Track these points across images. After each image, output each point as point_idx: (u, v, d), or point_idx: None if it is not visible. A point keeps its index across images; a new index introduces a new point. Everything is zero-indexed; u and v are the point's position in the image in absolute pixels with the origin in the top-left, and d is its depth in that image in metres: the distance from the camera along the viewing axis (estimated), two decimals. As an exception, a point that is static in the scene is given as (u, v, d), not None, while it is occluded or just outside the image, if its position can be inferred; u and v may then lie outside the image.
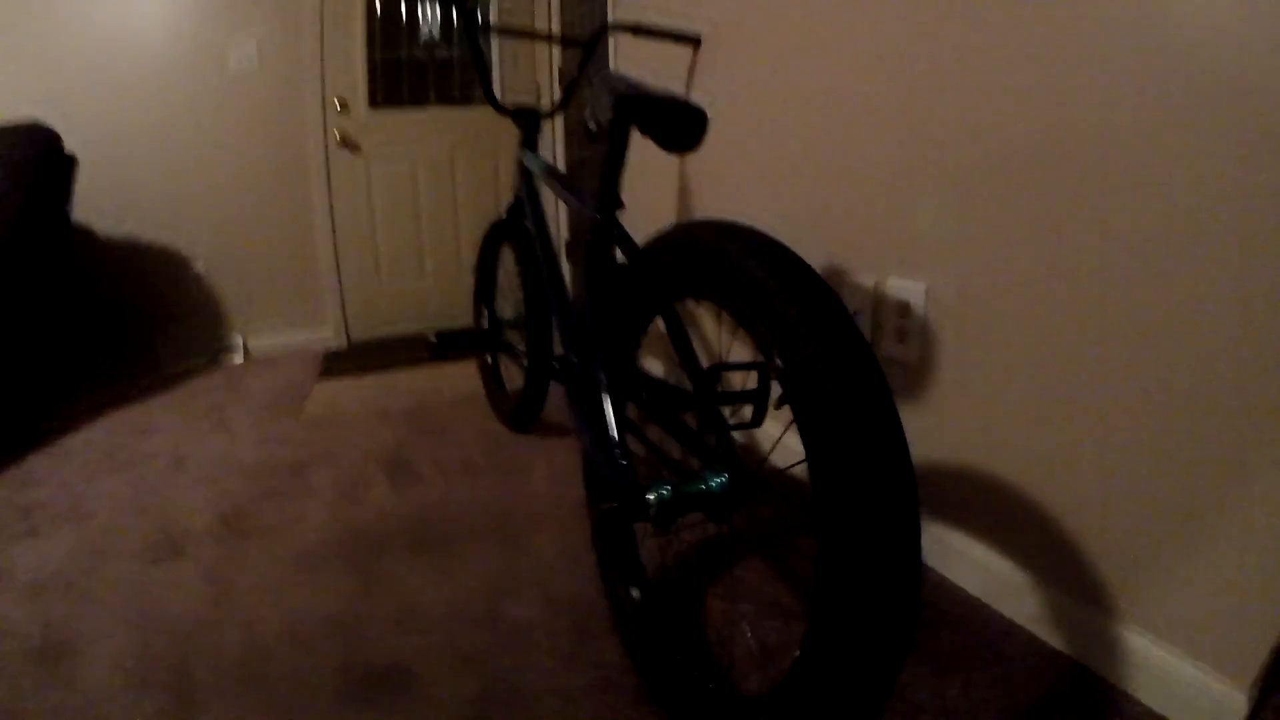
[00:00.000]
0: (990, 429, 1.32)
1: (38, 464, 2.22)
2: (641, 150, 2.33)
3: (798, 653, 0.82)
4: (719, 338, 2.10)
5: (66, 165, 2.67)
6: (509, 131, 3.60)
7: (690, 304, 2.05)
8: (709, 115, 1.15)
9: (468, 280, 3.66)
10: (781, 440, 1.75)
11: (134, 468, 2.16)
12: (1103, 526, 1.15)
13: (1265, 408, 0.92)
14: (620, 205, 1.27)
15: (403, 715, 1.13)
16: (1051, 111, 1.13)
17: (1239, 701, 0.98)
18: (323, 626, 1.37)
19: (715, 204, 2.13)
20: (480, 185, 3.65)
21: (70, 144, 2.66)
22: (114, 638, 1.37)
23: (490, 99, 1.88)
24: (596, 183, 1.25)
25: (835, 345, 0.75)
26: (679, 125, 1.14)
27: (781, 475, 1.75)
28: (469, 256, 3.69)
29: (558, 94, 3.46)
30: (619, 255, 1.24)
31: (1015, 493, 1.29)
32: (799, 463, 0.85)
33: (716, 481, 0.93)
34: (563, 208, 3.67)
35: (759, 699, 0.95)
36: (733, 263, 0.88)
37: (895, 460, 0.72)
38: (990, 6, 1.21)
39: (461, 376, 2.93)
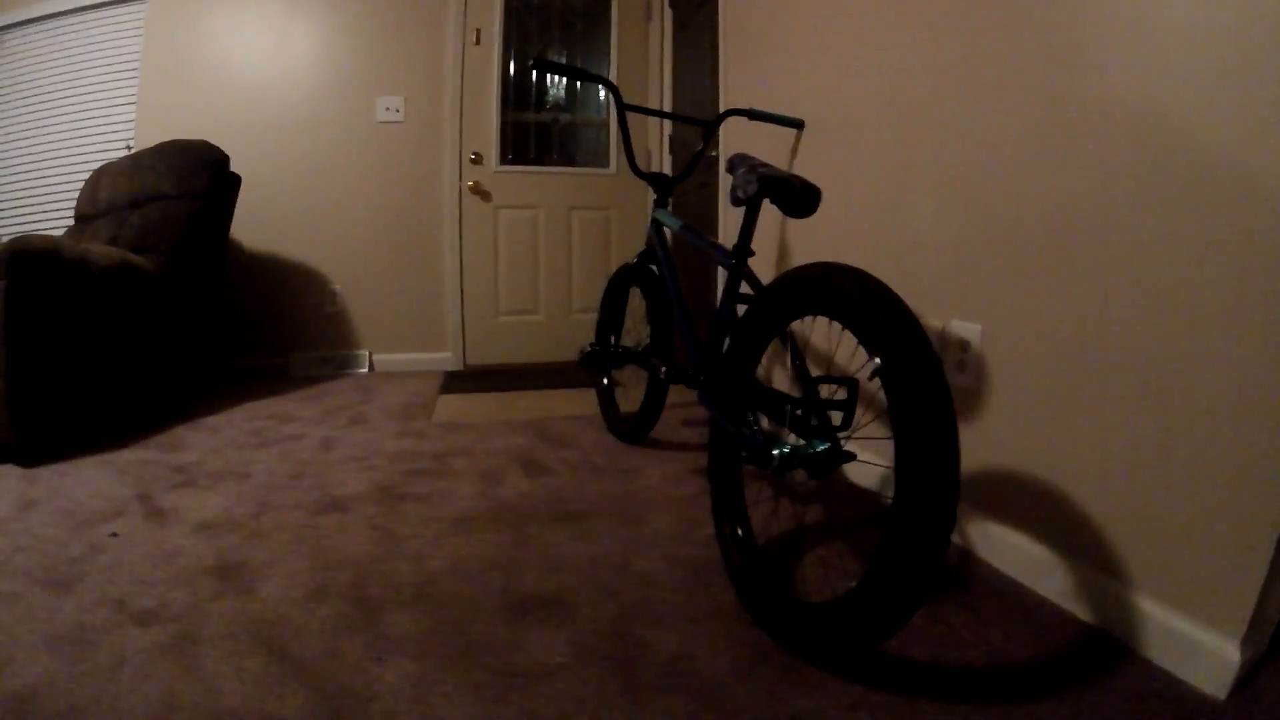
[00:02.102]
0: (1030, 437, 1.61)
1: (185, 435, 2.56)
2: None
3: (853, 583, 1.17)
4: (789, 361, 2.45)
5: (231, 183, 3.10)
6: (620, 192, 4.05)
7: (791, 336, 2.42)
8: (822, 192, 1.54)
9: (577, 319, 4.08)
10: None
11: (282, 445, 2.49)
12: (1120, 511, 1.39)
13: (1247, 415, 1.17)
14: (752, 253, 1.67)
15: (558, 625, 1.41)
16: (1070, 193, 1.48)
17: (1232, 656, 1.18)
18: (482, 565, 1.64)
19: (810, 258, 2.47)
20: (594, 237, 4.07)
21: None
22: (287, 564, 1.62)
23: (631, 165, 2.31)
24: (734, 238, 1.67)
25: (916, 349, 1.12)
26: (802, 200, 1.54)
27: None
28: (580, 299, 4.09)
29: (669, 161, 3.92)
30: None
31: (1048, 487, 1.56)
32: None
33: (821, 447, 1.34)
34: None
35: (830, 605, 1.26)
36: (850, 295, 1.26)
37: (946, 415, 1.08)
38: (1024, 105, 1.56)
39: (571, 400, 3.27)
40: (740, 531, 1.61)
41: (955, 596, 1.55)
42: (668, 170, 3.88)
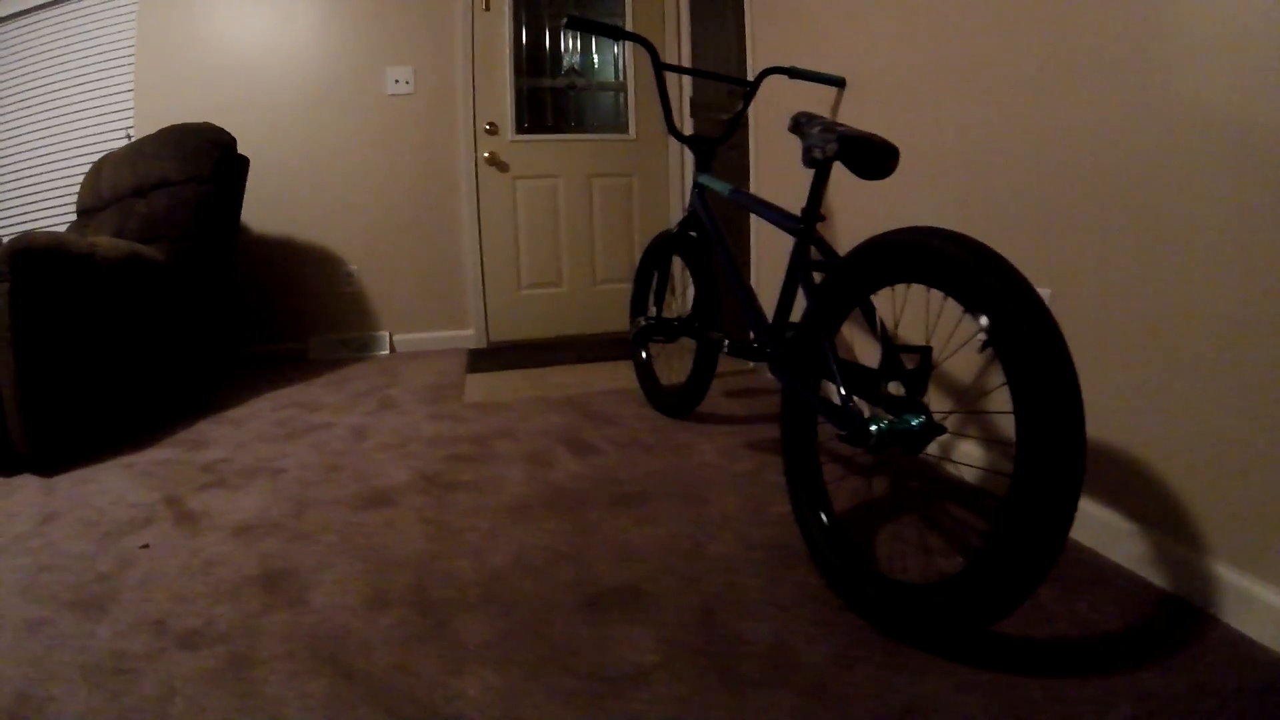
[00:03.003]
0: (1103, 404, 1.52)
1: (209, 430, 2.43)
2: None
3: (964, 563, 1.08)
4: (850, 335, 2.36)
5: (239, 165, 2.97)
6: (641, 157, 3.91)
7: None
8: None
9: (602, 290, 3.96)
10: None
11: (312, 435, 2.37)
12: (1197, 478, 1.35)
13: None
14: (822, 218, 1.56)
15: (641, 620, 1.30)
16: (1147, 154, 1.39)
17: None
18: (548, 557, 1.54)
19: (861, 222, 2.36)
20: (616, 205, 3.93)
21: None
22: (337, 567, 1.50)
23: (671, 128, 2.19)
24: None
25: (1027, 306, 1.04)
26: (881, 159, 1.43)
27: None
28: (604, 269, 3.96)
29: (689, 124, 3.78)
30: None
31: (1121, 454, 1.49)
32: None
33: (915, 421, 1.27)
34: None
35: (937, 586, 1.19)
36: (950, 254, 1.15)
37: (1069, 373, 1.01)
38: (1091, 67, 1.45)
39: (605, 373, 3.15)
40: (823, 512, 1.52)
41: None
42: (688, 132, 3.75)
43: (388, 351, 3.73)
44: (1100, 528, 1.55)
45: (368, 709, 1.09)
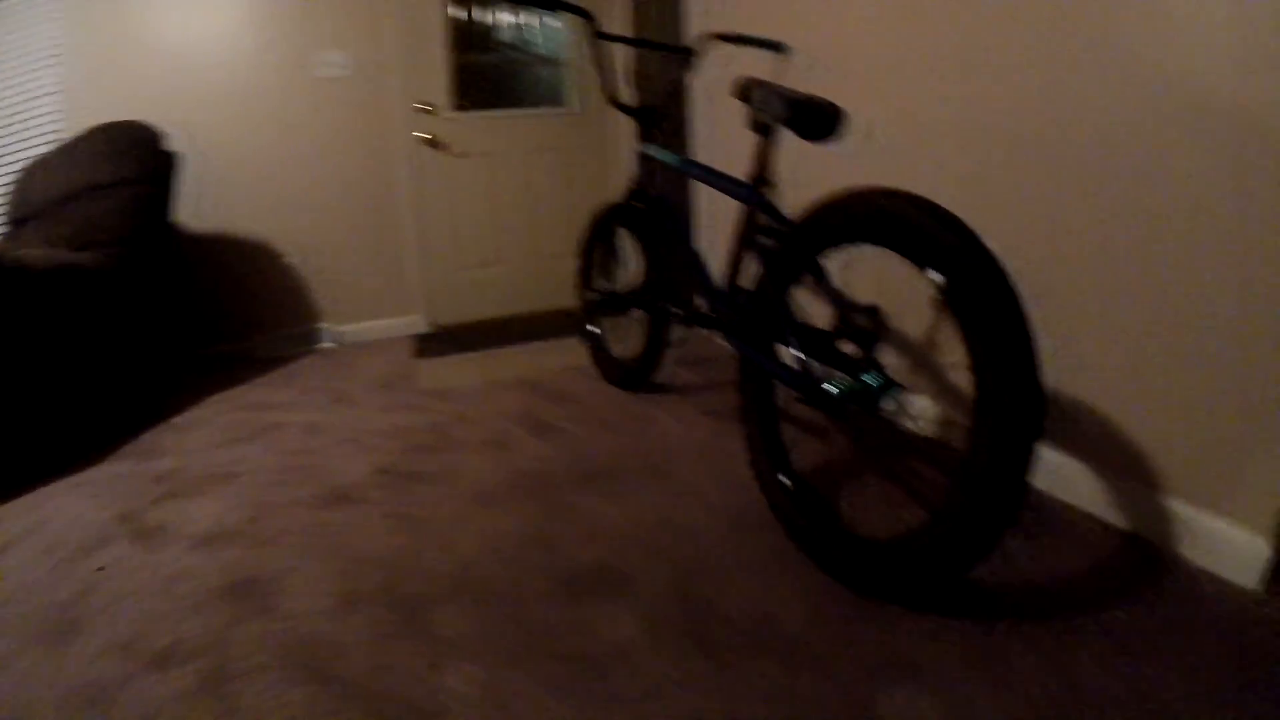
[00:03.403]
0: (1055, 356, 1.57)
1: (160, 439, 2.33)
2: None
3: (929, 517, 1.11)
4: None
5: (171, 162, 2.85)
6: (581, 130, 3.85)
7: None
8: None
9: (547, 266, 3.92)
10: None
11: (265, 436, 2.30)
12: (1150, 421, 1.41)
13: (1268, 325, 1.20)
14: (770, 184, 1.56)
15: (617, 597, 1.32)
16: (1084, 124, 1.44)
17: (1264, 550, 1.23)
18: (517, 542, 1.53)
19: (805, 188, 2.33)
20: (557, 179, 3.87)
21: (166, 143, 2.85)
22: (304, 571, 1.47)
23: (612, 99, 2.16)
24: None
25: (981, 260, 1.07)
26: (828, 122, 1.43)
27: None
28: (549, 245, 3.90)
29: (634, 94, 3.73)
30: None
31: (1076, 404, 1.55)
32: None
33: (871, 379, 1.29)
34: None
35: (905, 540, 1.22)
36: (903, 214, 1.16)
37: (1024, 331, 1.04)
38: (1050, 35, 1.48)
39: (556, 351, 3.12)
40: (786, 476, 1.53)
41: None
42: (630, 102, 3.70)
43: (334, 344, 3.64)
44: (1059, 474, 1.60)
45: (350, 712, 1.09)
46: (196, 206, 3.33)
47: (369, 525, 1.66)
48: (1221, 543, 1.30)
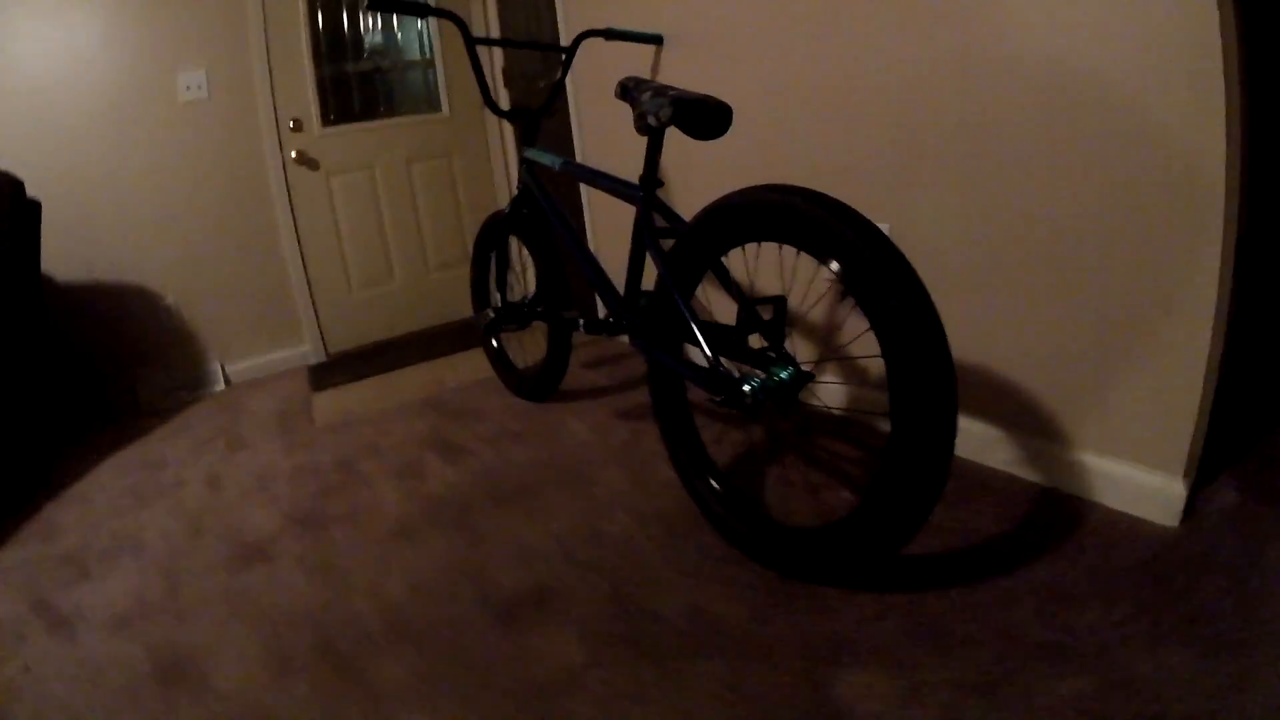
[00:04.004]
0: (954, 326, 1.65)
1: (56, 513, 2.16)
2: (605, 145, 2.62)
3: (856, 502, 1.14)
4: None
5: (31, 210, 2.63)
6: (458, 135, 3.77)
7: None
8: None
9: (435, 279, 3.84)
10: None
11: (166, 496, 2.16)
12: (1050, 379, 1.50)
13: (1153, 274, 1.28)
14: (660, 184, 1.55)
15: (558, 620, 1.31)
16: (970, 108, 1.50)
17: (1178, 489, 1.33)
18: (445, 577, 1.50)
19: (694, 181, 2.37)
20: (438, 188, 3.78)
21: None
22: (232, 641, 1.40)
23: (489, 103, 2.10)
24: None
25: (879, 248, 1.10)
26: (717, 120, 1.44)
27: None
28: (436, 256, 3.81)
29: (504, 96, 3.66)
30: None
31: (979, 370, 1.64)
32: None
33: (785, 373, 1.32)
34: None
35: (837, 525, 1.25)
36: (799, 209, 1.18)
37: (929, 311, 1.07)
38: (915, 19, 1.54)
39: (456, 366, 3.06)
40: (709, 475, 1.55)
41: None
42: (505, 106, 3.64)
43: (224, 385, 3.45)
44: (971, 439, 1.69)
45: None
46: (63, 255, 3.09)
47: (290, 581, 1.60)
48: (1130, 485, 1.39)
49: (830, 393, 2.02)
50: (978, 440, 1.66)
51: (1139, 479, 1.38)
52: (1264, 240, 1.67)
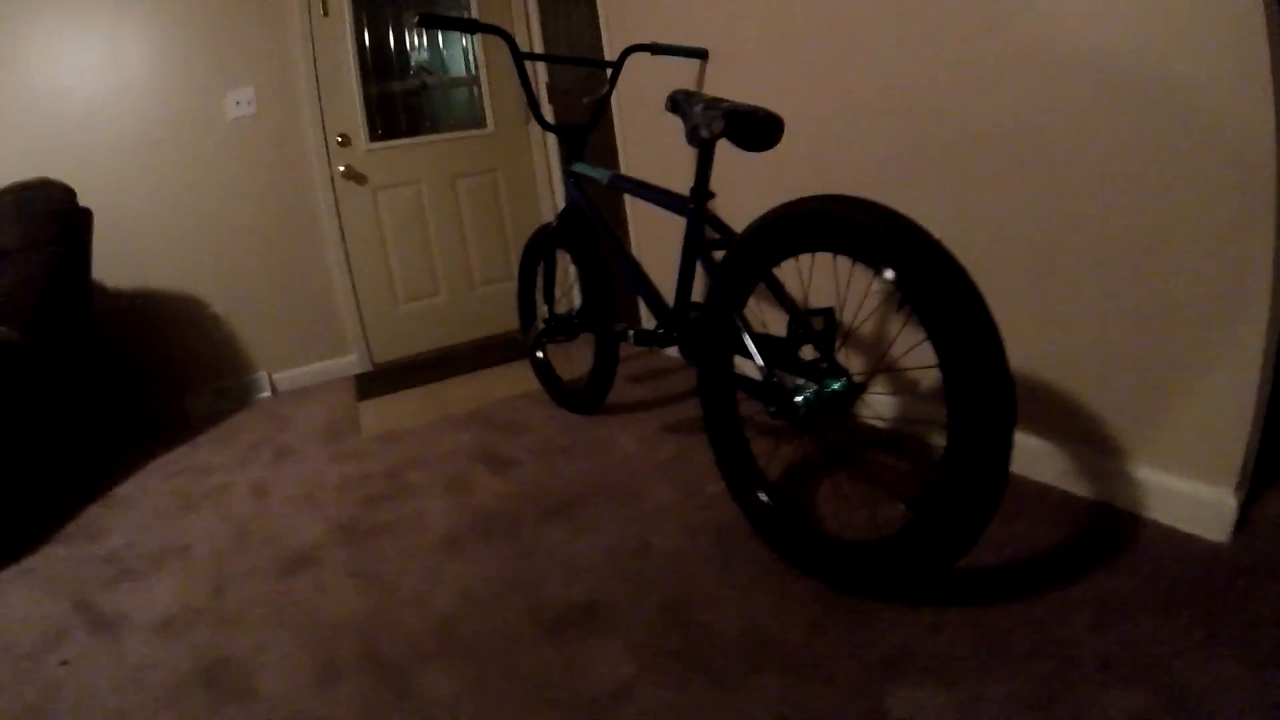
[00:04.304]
0: (1005, 334, 1.60)
1: (102, 516, 2.22)
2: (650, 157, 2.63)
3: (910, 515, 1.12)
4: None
5: (84, 220, 2.71)
6: (502, 151, 3.82)
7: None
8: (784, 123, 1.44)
9: (481, 293, 3.87)
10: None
11: (211, 501, 2.20)
12: (1102, 390, 1.46)
13: (1210, 283, 1.24)
14: (712, 195, 1.55)
15: (608, 633, 1.29)
16: (1024, 107, 1.44)
17: (1229, 503, 1.28)
18: (494, 588, 1.49)
19: (742, 191, 2.35)
20: (483, 203, 3.82)
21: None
22: (277, 646, 1.40)
23: (538, 118, 2.13)
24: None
25: (937, 258, 1.08)
26: (768, 132, 1.43)
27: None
28: (481, 271, 3.85)
29: (549, 110, 3.69)
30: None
31: (1031, 380, 1.59)
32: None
33: (838, 384, 1.30)
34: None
35: (893, 539, 1.22)
36: (855, 220, 1.16)
37: (988, 321, 1.05)
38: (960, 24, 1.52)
39: (503, 379, 3.08)
40: (760, 488, 1.53)
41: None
42: (551, 120, 3.67)
43: (270, 394, 3.51)
44: (1022, 451, 1.63)
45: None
46: (113, 264, 3.18)
47: (336, 588, 1.60)
48: (1184, 499, 1.34)
49: (883, 405, 1.99)
50: (1029, 453, 1.62)
51: (1190, 492, 1.33)
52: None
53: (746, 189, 2.31)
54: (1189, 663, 1.03)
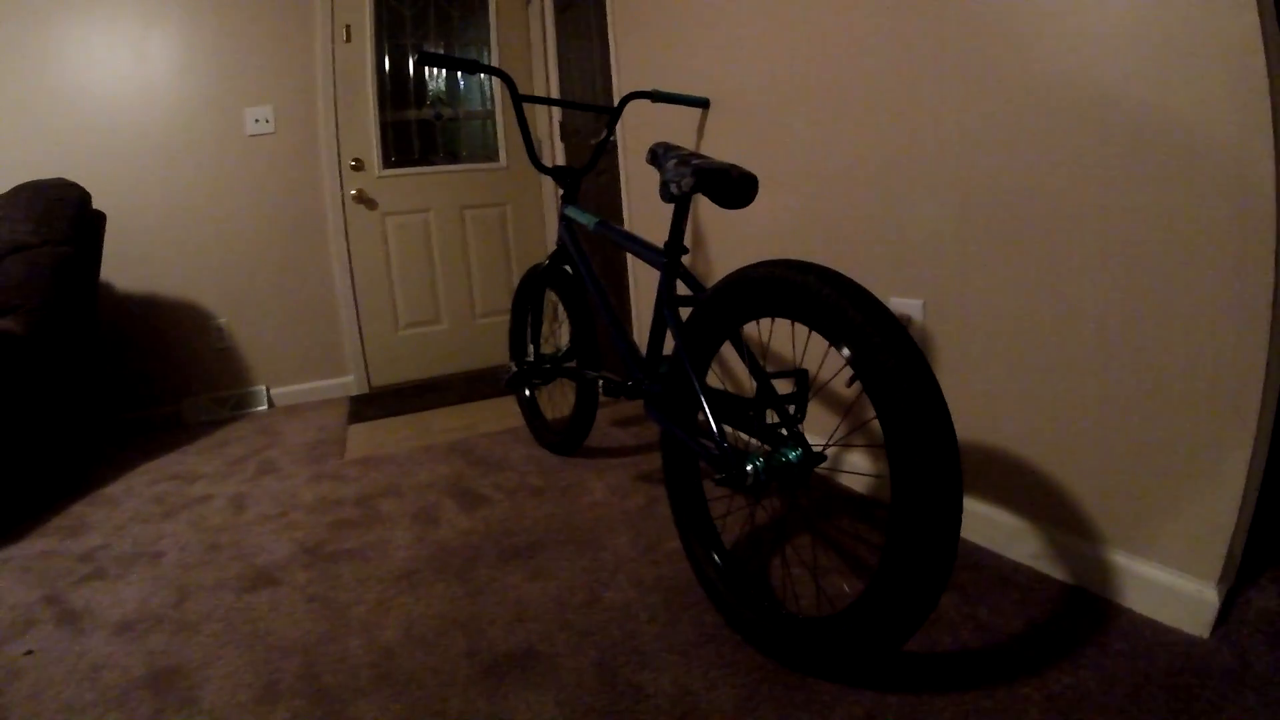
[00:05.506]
0: (984, 408, 1.60)
1: (84, 513, 2.28)
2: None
3: (861, 589, 1.10)
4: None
5: (96, 222, 2.79)
6: (513, 186, 3.88)
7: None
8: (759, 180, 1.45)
9: (482, 324, 3.90)
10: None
11: (190, 510, 2.25)
12: (1083, 472, 1.43)
13: (1201, 371, 1.21)
14: (686, 250, 1.56)
15: (539, 684, 1.29)
16: (1017, 171, 1.44)
17: (1210, 596, 1.24)
18: (439, 626, 1.50)
19: (732, 243, 2.39)
20: (490, 236, 3.88)
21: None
22: (225, 660, 1.43)
23: (534, 159, 2.15)
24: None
25: (891, 336, 1.06)
26: (740, 191, 1.44)
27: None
28: (483, 303, 3.91)
29: (560, 151, 3.75)
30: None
31: (1009, 457, 1.57)
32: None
33: (793, 454, 1.27)
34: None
35: (838, 616, 1.20)
36: (811, 289, 1.16)
37: (939, 404, 1.03)
38: (962, 82, 1.48)
39: (491, 412, 3.11)
40: (714, 551, 1.51)
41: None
42: (561, 161, 3.72)
43: (266, 407, 3.55)
44: (995, 528, 1.62)
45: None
46: (123, 267, 3.25)
47: (291, 609, 1.62)
48: (1161, 589, 1.30)
49: (856, 468, 1.97)
50: (1004, 530, 1.59)
51: (1169, 582, 1.29)
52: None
53: (742, 244, 2.33)
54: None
